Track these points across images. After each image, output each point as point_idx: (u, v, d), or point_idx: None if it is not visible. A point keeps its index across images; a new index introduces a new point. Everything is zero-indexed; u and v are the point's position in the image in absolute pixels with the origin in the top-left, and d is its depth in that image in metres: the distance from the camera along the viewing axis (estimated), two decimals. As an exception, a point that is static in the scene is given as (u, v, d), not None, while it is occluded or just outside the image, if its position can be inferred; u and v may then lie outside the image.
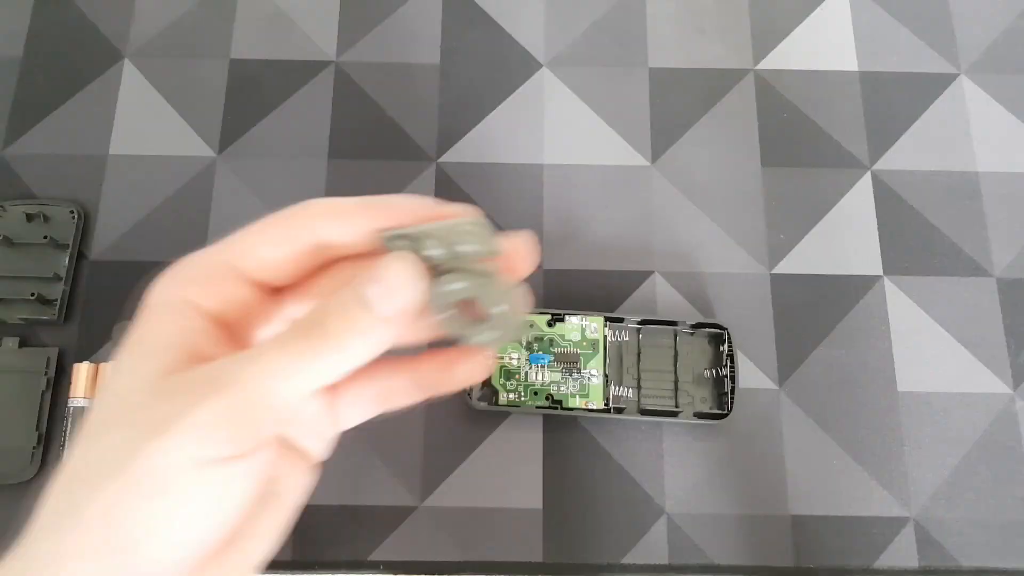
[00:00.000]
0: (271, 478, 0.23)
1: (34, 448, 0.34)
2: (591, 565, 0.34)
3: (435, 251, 0.21)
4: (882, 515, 0.35)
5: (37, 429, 0.35)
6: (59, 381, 0.36)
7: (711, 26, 0.42)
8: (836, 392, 0.36)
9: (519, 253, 0.23)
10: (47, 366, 0.35)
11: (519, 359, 0.34)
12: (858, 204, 0.39)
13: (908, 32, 0.42)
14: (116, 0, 0.42)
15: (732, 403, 0.34)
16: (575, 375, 0.34)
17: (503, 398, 0.34)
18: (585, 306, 0.37)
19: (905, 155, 0.40)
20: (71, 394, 0.35)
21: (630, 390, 0.34)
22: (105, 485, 0.19)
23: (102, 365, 0.35)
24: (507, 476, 0.35)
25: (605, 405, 0.34)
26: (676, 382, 0.35)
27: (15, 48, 0.41)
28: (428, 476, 0.35)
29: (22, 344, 0.36)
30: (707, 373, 0.35)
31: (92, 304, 0.37)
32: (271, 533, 0.23)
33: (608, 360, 0.35)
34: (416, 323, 0.21)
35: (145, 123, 0.40)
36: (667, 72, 0.41)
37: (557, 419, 0.35)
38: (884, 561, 0.34)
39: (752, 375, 0.36)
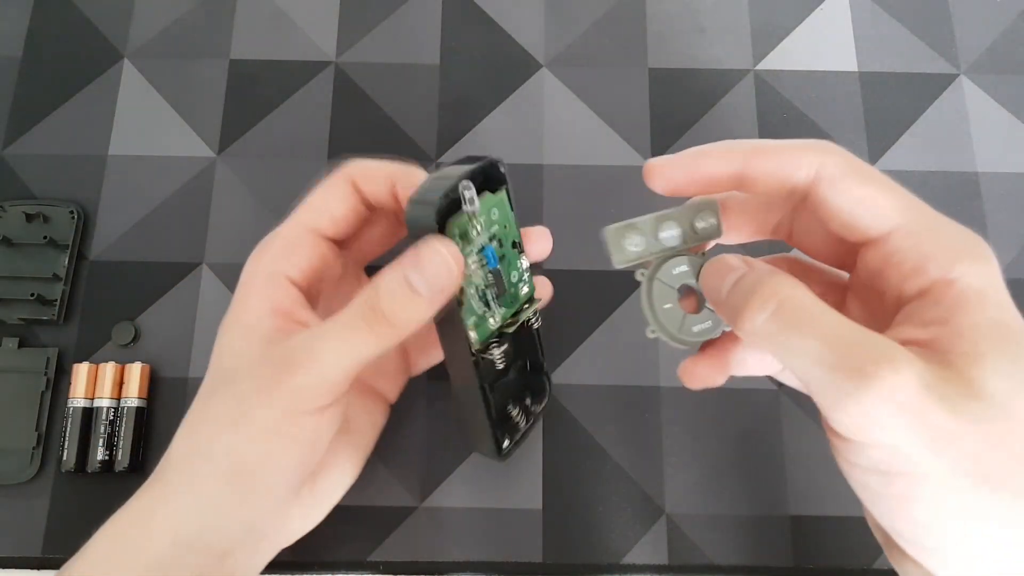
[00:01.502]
0: (349, 417, 0.29)
1: (33, 448, 0.34)
2: (591, 565, 0.34)
3: (672, 232, 0.24)
4: (882, 515, 0.34)
5: (36, 429, 0.35)
6: (59, 381, 0.36)
7: (711, 26, 0.42)
8: (836, 392, 0.36)
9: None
10: (47, 366, 0.35)
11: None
12: (858, 204, 0.39)
13: (908, 32, 0.42)
14: (116, 0, 0.42)
15: None
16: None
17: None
18: (585, 307, 0.37)
19: (905, 155, 0.40)
20: (71, 394, 0.35)
21: None
22: (227, 431, 0.25)
23: (102, 365, 0.35)
24: (507, 476, 0.35)
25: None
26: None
27: (15, 48, 0.41)
28: (428, 476, 0.35)
29: (22, 344, 0.36)
30: None
31: (92, 304, 0.37)
32: (351, 464, 0.30)
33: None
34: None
35: (145, 123, 0.40)
36: (667, 72, 0.41)
37: (557, 419, 0.35)
38: (884, 561, 0.34)
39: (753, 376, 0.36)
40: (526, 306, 0.29)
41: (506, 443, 0.30)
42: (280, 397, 0.24)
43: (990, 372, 0.19)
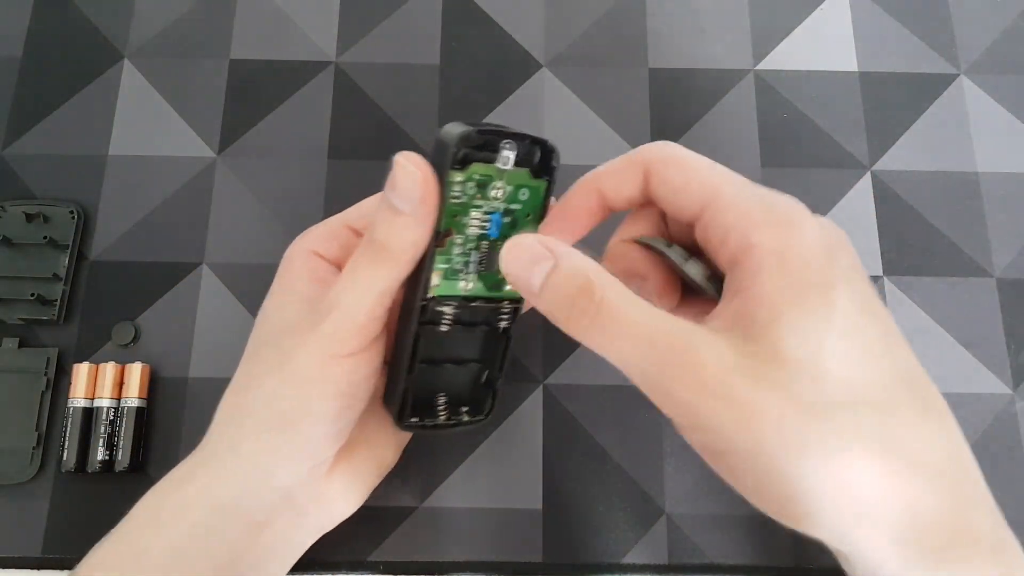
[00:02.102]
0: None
1: (33, 448, 0.34)
2: (591, 565, 0.34)
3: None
4: (882, 515, 0.34)
5: (36, 429, 0.35)
6: (59, 381, 0.36)
7: (711, 26, 0.42)
8: (836, 392, 0.36)
9: None
10: (47, 366, 0.35)
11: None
12: (858, 204, 0.39)
13: (908, 32, 0.42)
14: (116, 0, 0.42)
15: None
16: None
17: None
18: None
19: (905, 155, 0.40)
20: (71, 394, 0.35)
21: None
22: (266, 381, 0.26)
23: (102, 365, 0.35)
24: (507, 476, 0.35)
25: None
26: None
27: (15, 48, 0.41)
28: (428, 476, 0.35)
29: (22, 344, 0.36)
30: None
31: (92, 304, 0.37)
32: (390, 440, 0.31)
33: None
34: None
35: (145, 123, 0.40)
36: (667, 72, 0.41)
37: (557, 419, 0.35)
38: (884, 561, 0.34)
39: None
40: (507, 302, 0.28)
41: (414, 419, 0.29)
42: (315, 342, 0.25)
43: (789, 334, 0.19)
